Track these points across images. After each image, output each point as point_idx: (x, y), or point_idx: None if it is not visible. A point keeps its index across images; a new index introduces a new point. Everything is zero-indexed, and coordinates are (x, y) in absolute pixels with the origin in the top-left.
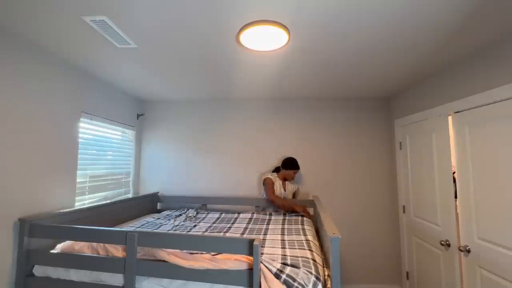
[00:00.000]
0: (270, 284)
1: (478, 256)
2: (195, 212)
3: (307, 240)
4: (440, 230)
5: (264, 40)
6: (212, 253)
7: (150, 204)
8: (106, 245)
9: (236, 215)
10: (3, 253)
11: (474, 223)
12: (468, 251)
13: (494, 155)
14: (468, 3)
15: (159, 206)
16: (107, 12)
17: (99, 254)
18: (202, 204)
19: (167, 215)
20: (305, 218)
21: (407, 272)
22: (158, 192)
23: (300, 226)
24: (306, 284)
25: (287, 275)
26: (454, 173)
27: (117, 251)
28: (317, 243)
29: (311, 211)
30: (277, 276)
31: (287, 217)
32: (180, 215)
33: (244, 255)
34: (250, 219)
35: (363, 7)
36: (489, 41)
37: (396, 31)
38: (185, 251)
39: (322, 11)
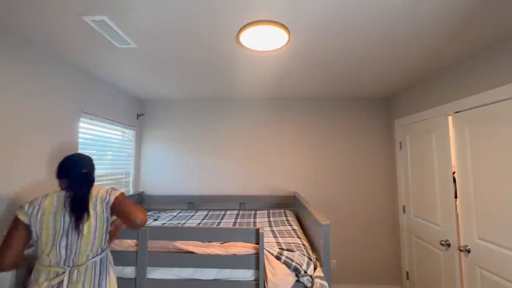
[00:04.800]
0: (273, 265)
1: (478, 256)
2: (180, 211)
3: (293, 229)
4: (440, 230)
5: (264, 40)
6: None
7: (138, 204)
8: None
9: (223, 211)
10: None
11: (474, 223)
12: (468, 251)
13: (494, 155)
14: (468, 3)
15: (144, 205)
16: (107, 12)
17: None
18: (188, 203)
19: (153, 214)
20: (287, 211)
21: (407, 272)
22: (143, 192)
23: (284, 218)
24: (301, 263)
25: (286, 257)
26: (454, 173)
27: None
28: (301, 231)
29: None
30: (278, 258)
31: (270, 211)
32: (166, 213)
33: (248, 243)
34: (237, 214)
35: (363, 8)
36: (489, 41)
37: (396, 31)
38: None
39: (322, 12)
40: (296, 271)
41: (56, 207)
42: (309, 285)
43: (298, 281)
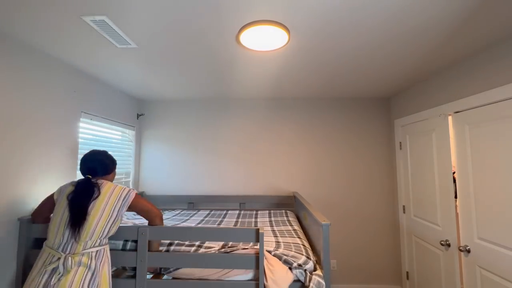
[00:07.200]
0: (271, 262)
1: (478, 256)
2: (181, 210)
3: (294, 229)
4: (440, 230)
5: (264, 40)
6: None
7: None
8: None
9: (225, 211)
10: (4, 253)
11: (474, 223)
12: (468, 251)
13: (494, 155)
14: (468, 3)
15: None
16: (107, 12)
17: None
18: (188, 203)
19: None
20: (288, 211)
21: (407, 272)
22: (143, 192)
23: (285, 218)
24: (297, 257)
25: (281, 253)
26: (454, 173)
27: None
28: (302, 232)
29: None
30: (275, 254)
31: (272, 211)
32: (169, 212)
33: (250, 246)
34: (239, 214)
35: (363, 7)
36: (489, 41)
37: (396, 30)
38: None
39: (323, 12)
40: (288, 263)
41: (72, 193)
42: (302, 278)
43: (297, 280)
